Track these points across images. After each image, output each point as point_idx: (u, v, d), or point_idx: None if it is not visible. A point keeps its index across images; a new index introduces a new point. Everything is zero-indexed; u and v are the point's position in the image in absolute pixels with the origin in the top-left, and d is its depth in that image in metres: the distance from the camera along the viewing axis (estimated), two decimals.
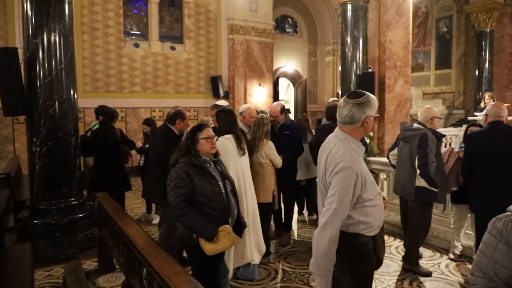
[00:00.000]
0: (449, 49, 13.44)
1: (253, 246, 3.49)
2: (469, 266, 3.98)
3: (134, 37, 9.66)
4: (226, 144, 3.31)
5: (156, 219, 5.40)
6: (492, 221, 1.34)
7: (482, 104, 8.63)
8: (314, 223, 5.48)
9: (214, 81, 10.35)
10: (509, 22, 11.61)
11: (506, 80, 11.69)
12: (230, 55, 10.59)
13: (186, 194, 2.52)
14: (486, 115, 3.49)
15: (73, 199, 4.48)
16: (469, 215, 4.04)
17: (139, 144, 5.75)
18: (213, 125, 4.08)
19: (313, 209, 5.63)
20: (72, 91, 4.50)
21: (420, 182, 3.65)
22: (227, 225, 2.57)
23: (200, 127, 2.71)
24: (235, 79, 10.55)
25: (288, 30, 14.49)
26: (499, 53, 11.69)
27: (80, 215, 4.47)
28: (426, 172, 3.54)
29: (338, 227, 1.93)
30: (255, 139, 3.90)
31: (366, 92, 2.06)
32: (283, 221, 4.84)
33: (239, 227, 2.81)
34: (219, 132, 3.36)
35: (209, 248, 2.49)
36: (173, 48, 10.03)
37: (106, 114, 5.03)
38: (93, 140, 4.84)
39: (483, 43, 11.60)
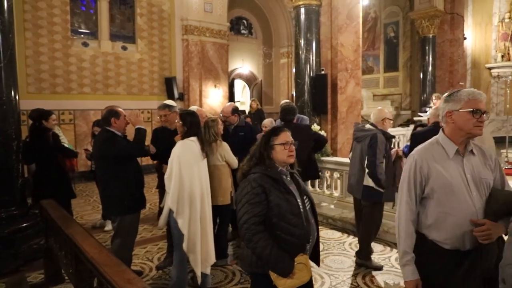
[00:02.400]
0: (396, 53, 14.15)
1: (212, 246, 3.46)
2: None
3: (82, 35, 9.23)
4: (191, 146, 3.26)
5: (109, 226, 5.19)
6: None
7: (432, 104, 9.17)
8: None
9: (168, 82, 10.14)
10: (449, 29, 12.44)
11: (447, 83, 12.50)
12: (185, 56, 10.43)
13: (261, 214, 2.04)
14: (428, 118, 3.69)
15: (14, 208, 4.19)
16: None
17: (89, 147, 5.48)
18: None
19: None
20: (13, 92, 4.20)
21: (368, 181, 3.78)
22: (305, 255, 2.10)
23: (276, 130, 2.24)
24: (190, 80, 10.41)
25: (243, 31, 14.55)
26: (441, 57, 12.48)
27: (24, 224, 4.19)
28: (373, 171, 3.67)
29: (405, 218, 1.94)
30: (206, 142, 3.86)
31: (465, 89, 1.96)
32: None
33: (316, 253, 2.28)
34: (187, 134, 3.29)
35: (282, 283, 2.02)
36: (124, 48, 9.70)
37: (35, 118, 4.58)
38: (26, 147, 4.50)
39: (427, 48, 12.33)
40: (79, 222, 5.24)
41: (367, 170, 3.74)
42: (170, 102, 4.19)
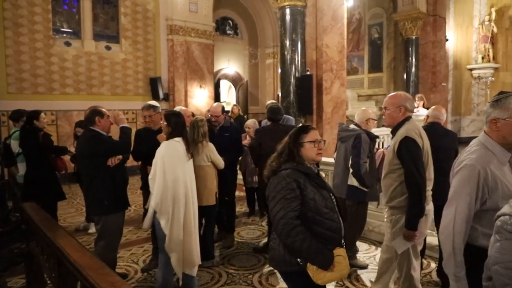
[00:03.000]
0: (380, 54, 14.33)
1: (198, 248, 3.44)
2: None
3: (65, 35, 9.07)
4: (176, 147, 3.23)
5: (93, 228, 5.11)
6: (498, 230, 1.38)
7: (415, 104, 9.29)
8: (261, 225, 5.53)
9: (153, 83, 10.05)
10: (432, 31, 12.66)
11: (430, 84, 12.72)
12: (170, 56, 10.35)
13: (297, 208, 2.03)
14: (428, 116, 3.79)
15: None
16: None
17: (72, 149, 5.38)
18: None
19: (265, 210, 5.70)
20: None
21: (352, 181, 3.83)
22: (342, 248, 2.11)
23: (306, 128, 2.25)
24: (175, 81, 10.34)
25: (229, 32, 14.53)
26: (424, 58, 12.69)
27: (3, 228, 4.08)
28: (357, 171, 3.72)
29: (460, 230, 1.80)
30: (192, 142, 3.85)
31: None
32: (225, 223, 4.83)
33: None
34: (172, 135, 3.26)
35: (321, 277, 2.00)
36: (108, 48, 9.57)
37: (26, 120, 4.48)
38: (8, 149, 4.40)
39: (410, 49, 12.53)
40: (62, 225, 5.16)
41: (351, 170, 3.79)
42: (154, 102, 4.15)
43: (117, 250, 3.67)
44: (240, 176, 5.43)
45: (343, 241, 2.16)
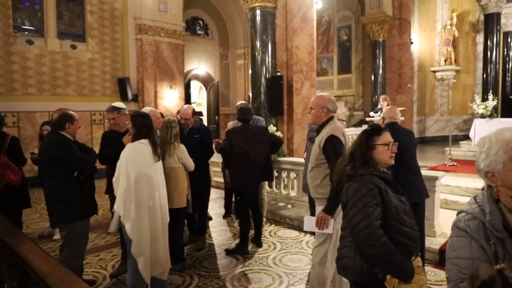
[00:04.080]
0: (349, 56, 14.63)
1: (167, 251, 3.38)
2: None
3: (26, 32, 8.71)
4: (141, 149, 3.16)
5: (58, 234, 4.92)
6: (452, 226, 1.41)
7: (379, 106, 9.57)
8: (233, 226, 5.51)
9: (122, 83, 9.82)
10: (398, 34, 13.05)
11: (396, 85, 13.11)
12: (139, 56, 10.15)
13: (380, 217, 1.90)
14: (383, 118, 3.86)
15: None
16: None
17: (35, 151, 5.16)
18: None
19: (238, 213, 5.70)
20: None
21: None
22: (419, 258, 2.00)
23: (378, 130, 2.13)
24: (144, 81, 10.14)
25: (199, 32, 14.40)
26: (390, 60, 13.07)
27: None
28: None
29: None
30: (165, 143, 3.79)
31: None
32: (196, 225, 4.79)
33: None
34: (137, 136, 3.18)
35: None
36: (74, 47, 9.27)
37: None
38: None
39: (377, 51, 12.86)
40: (25, 232, 4.95)
41: None
42: (119, 104, 4.03)
43: (84, 256, 3.55)
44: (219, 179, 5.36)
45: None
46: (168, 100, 10.59)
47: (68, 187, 3.21)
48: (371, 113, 9.25)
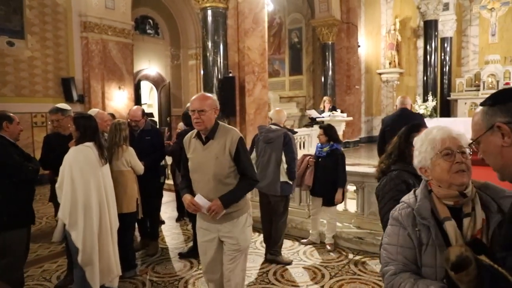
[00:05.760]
0: (300, 58, 14.96)
1: (117, 258, 3.25)
2: (331, 248, 4.47)
3: None
4: (86, 152, 3.00)
5: None
6: (390, 215, 1.52)
7: (321, 107, 9.88)
8: (186, 228, 5.42)
9: (66, 83, 9.30)
10: (346, 37, 13.56)
11: (345, 86, 13.60)
12: (84, 55, 9.67)
13: None
14: (396, 105, 5.00)
15: None
16: (322, 206, 4.58)
17: None
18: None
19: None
20: None
21: (284, 177, 4.02)
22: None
23: (418, 127, 2.14)
24: (91, 82, 9.68)
25: (149, 31, 14.02)
26: (339, 63, 13.54)
27: None
28: (293, 166, 3.95)
29: None
30: (113, 145, 3.65)
31: None
32: (148, 229, 4.65)
33: None
34: (82, 140, 3.02)
35: None
36: (11, 44, 8.63)
37: None
38: None
39: (327, 53, 13.27)
40: None
41: (285, 166, 3.97)
42: (63, 105, 3.82)
43: (24, 268, 3.32)
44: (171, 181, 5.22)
45: None
46: (117, 101, 10.19)
47: (1, 194, 2.96)
48: (308, 111, 9.53)
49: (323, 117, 9.09)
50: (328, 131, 4.52)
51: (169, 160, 5.75)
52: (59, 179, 2.94)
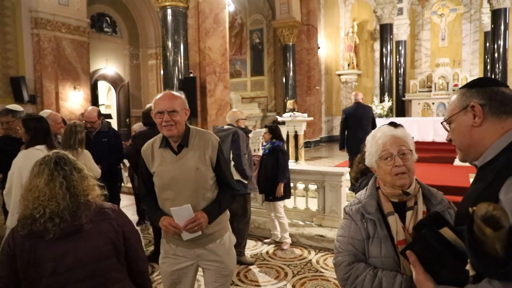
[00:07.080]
0: (261, 58, 15.04)
1: None
2: (285, 247, 4.52)
3: None
4: (37, 156, 2.81)
5: None
6: (343, 211, 1.66)
7: (291, 107, 9.98)
8: (147, 232, 5.28)
9: (15, 83, 8.78)
10: (306, 39, 13.79)
11: (306, 87, 13.83)
12: (36, 54, 9.17)
13: None
14: (352, 99, 6.62)
15: None
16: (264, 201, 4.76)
17: None
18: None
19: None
20: None
21: (237, 176, 4.00)
22: None
23: (395, 126, 2.00)
24: (43, 81, 9.20)
25: (106, 29, 13.54)
26: (300, 64, 13.74)
27: None
28: (239, 163, 3.95)
29: None
30: (67, 149, 3.48)
31: None
32: None
33: None
34: (32, 143, 2.85)
35: None
36: None
37: None
38: None
39: (288, 55, 13.43)
40: None
41: (233, 163, 3.96)
42: (14, 107, 3.62)
43: None
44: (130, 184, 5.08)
45: None
46: (72, 101, 9.75)
47: None
48: (285, 115, 9.62)
49: (284, 117, 9.19)
50: (272, 129, 4.75)
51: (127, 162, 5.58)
52: (7, 185, 2.77)
